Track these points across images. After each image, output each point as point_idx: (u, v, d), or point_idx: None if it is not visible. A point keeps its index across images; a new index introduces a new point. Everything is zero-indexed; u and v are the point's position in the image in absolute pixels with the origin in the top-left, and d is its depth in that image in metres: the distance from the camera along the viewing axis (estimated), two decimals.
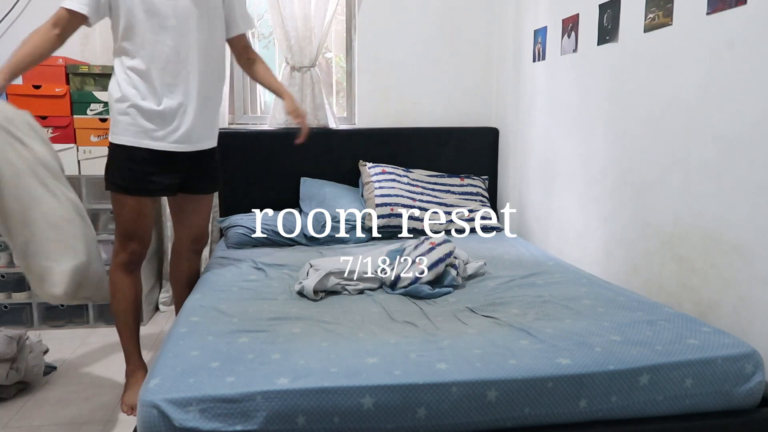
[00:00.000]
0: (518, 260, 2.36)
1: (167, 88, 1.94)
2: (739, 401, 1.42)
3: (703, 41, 1.77)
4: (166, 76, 1.94)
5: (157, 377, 1.31)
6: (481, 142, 3.27)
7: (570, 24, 2.52)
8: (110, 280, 2.08)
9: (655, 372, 1.37)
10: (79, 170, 2.73)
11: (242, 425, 1.24)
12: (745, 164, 1.63)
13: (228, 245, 2.72)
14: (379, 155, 3.16)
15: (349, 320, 1.70)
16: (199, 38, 1.97)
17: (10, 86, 2.62)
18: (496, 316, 1.71)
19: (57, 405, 2.08)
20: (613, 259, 2.27)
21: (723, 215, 1.72)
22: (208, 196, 2.24)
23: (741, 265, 1.66)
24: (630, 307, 1.74)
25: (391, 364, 1.36)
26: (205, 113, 2.05)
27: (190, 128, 2.00)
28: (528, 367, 1.35)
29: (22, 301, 2.79)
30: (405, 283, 1.95)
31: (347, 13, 3.26)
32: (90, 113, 2.72)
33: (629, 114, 2.14)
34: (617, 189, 2.23)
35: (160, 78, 1.93)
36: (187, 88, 1.97)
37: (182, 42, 1.94)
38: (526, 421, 1.34)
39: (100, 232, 2.80)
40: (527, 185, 3.01)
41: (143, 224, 2.05)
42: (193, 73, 1.97)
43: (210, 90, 2.05)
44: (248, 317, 1.70)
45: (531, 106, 2.92)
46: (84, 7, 1.85)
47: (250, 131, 3.08)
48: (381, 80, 3.25)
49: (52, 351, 2.49)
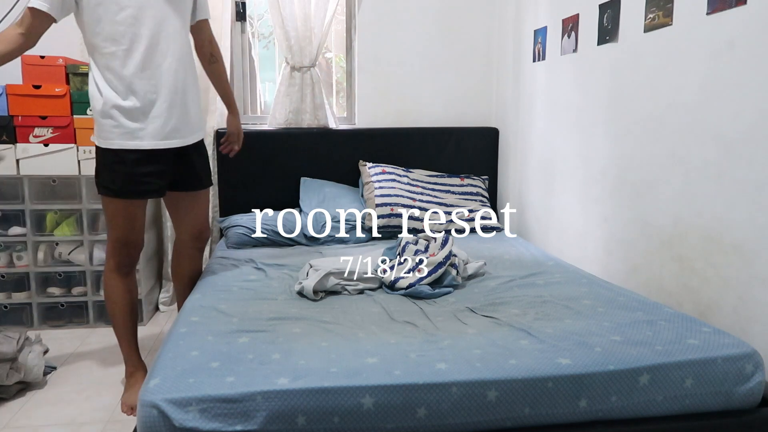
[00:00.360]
0: (518, 260, 2.36)
1: (146, 83, 1.91)
2: (739, 401, 1.42)
3: (703, 41, 1.77)
4: (144, 71, 1.90)
5: (157, 377, 1.31)
6: (481, 142, 3.27)
7: (570, 24, 2.52)
8: (105, 283, 2.08)
9: (655, 372, 1.37)
10: (79, 170, 2.73)
11: (242, 425, 1.24)
12: (745, 164, 1.63)
13: (228, 245, 2.72)
14: (379, 155, 3.17)
15: (349, 320, 1.70)
16: (171, 28, 1.94)
17: (10, 86, 2.64)
18: (496, 316, 1.71)
19: (57, 405, 2.08)
20: (613, 259, 2.27)
21: (723, 215, 1.72)
22: (204, 191, 2.22)
23: (741, 265, 1.66)
24: (630, 307, 1.74)
25: (391, 364, 1.36)
26: (187, 105, 2.03)
27: (175, 122, 1.98)
28: (528, 367, 1.35)
29: (22, 301, 2.79)
30: (404, 285, 1.95)
31: (347, 13, 3.26)
32: (90, 113, 2.72)
33: (629, 114, 2.14)
34: (617, 189, 2.23)
35: (137, 73, 1.89)
36: (166, 80, 1.94)
37: (156, 33, 1.91)
38: (526, 421, 1.34)
39: (100, 232, 2.80)
40: (527, 185, 3.01)
41: (136, 227, 2.03)
42: (169, 65, 1.94)
43: (186, 80, 2.02)
44: (248, 317, 1.70)
45: (531, 106, 2.92)
46: (44, 4, 1.82)
47: (250, 131, 3.08)
48: (381, 80, 3.25)
49: (52, 351, 2.49)
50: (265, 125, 3.18)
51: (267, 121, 3.17)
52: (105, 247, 2.79)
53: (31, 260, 2.76)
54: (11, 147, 2.67)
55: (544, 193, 2.83)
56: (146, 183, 1.97)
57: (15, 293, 2.79)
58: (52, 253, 2.82)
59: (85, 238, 2.78)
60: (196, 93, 2.09)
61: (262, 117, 3.31)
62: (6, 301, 2.78)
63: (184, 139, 2.04)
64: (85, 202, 2.75)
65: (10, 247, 2.77)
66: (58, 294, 2.82)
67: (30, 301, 2.79)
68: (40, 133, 2.68)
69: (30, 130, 2.68)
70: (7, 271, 2.77)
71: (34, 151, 2.68)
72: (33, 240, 2.75)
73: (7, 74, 2.85)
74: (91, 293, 2.81)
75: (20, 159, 2.69)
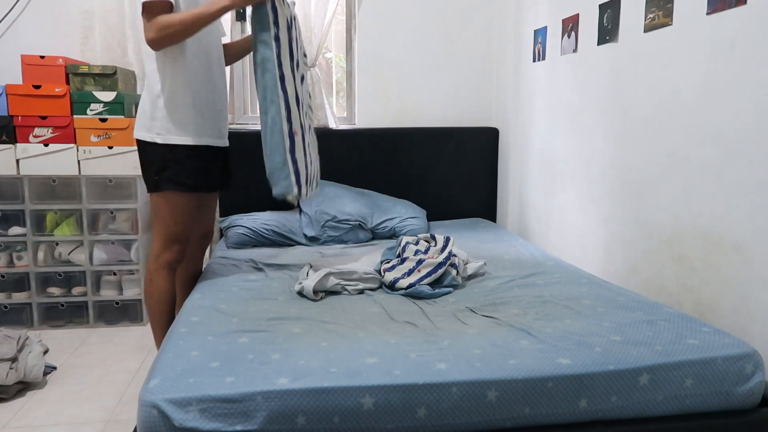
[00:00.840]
0: (518, 260, 2.36)
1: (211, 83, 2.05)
2: (739, 401, 1.42)
3: (703, 41, 1.77)
4: (208, 71, 2.04)
5: (157, 377, 1.31)
6: (481, 142, 3.27)
7: (570, 24, 2.52)
8: (151, 281, 2.08)
9: (655, 372, 1.37)
10: (79, 170, 2.73)
11: (242, 425, 1.24)
12: (745, 164, 1.63)
13: (228, 245, 2.72)
14: (379, 155, 3.17)
15: (349, 320, 1.70)
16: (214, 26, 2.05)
17: (10, 86, 2.64)
18: (496, 316, 1.71)
19: (57, 405, 2.08)
20: (613, 258, 2.27)
21: (723, 215, 1.72)
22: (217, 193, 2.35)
23: (741, 265, 1.66)
24: (630, 307, 1.74)
25: (391, 364, 1.36)
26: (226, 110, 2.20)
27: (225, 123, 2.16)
28: (528, 367, 1.35)
29: (22, 301, 2.79)
30: (404, 285, 1.95)
31: (347, 13, 3.26)
32: (90, 113, 2.72)
33: (629, 114, 2.14)
34: (617, 189, 2.23)
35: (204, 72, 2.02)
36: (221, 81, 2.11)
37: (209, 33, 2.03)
38: (526, 421, 1.34)
39: (100, 232, 2.80)
40: (527, 185, 3.01)
41: (191, 222, 2.09)
42: (218, 65, 2.10)
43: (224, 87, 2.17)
44: (248, 317, 1.70)
45: (531, 106, 2.92)
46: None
47: (250, 131, 3.08)
48: (381, 80, 3.25)
49: (52, 351, 2.49)
50: None
51: None
52: (105, 247, 2.80)
53: (31, 260, 2.76)
54: (11, 147, 2.67)
55: (544, 193, 2.83)
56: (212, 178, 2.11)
57: (15, 293, 2.79)
58: (52, 253, 2.82)
59: (85, 238, 2.78)
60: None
61: None
62: (6, 301, 2.78)
63: (225, 139, 2.21)
64: (85, 202, 2.76)
65: (10, 247, 2.77)
66: (58, 294, 2.82)
67: (30, 301, 2.79)
68: (40, 133, 2.68)
69: (30, 130, 2.68)
70: (7, 271, 2.77)
71: (34, 151, 2.68)
72: (33, 240, 2.75)
73: (7, 74, 2.86)
74: (91, 293, 2.81)
75: (20, 159, 2.69)
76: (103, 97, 2.71)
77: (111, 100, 2.72)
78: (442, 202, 3.27)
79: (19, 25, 2.94)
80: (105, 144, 2.73)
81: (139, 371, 2.33)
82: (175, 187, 2.00)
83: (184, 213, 2.03)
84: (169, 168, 1.99)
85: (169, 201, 2.02)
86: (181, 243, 2.07)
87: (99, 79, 2.74)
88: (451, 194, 3.28)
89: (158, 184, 2.00)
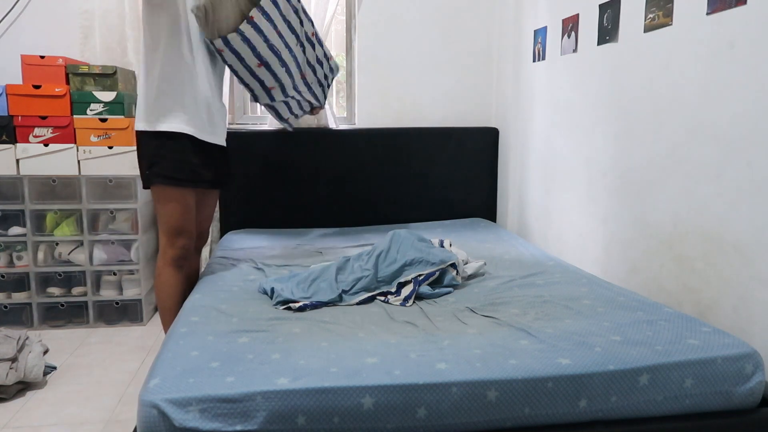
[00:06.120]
0: (518, 260, 2.36)
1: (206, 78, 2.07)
2: (739, 401, 1.42)
3: (703, 41, 1.77)
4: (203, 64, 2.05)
5: (157, 377, 1.31)
6: (481, 142, 3.27)
7: (570, 24, 2.52)
8: (159, 278, 2.10)
9: (655, 372, 1.37)
10: (79, 170, 2.73)
11: (242, 425, 1.24)
12: (745, 164, 1.63)
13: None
14: (379, 155, 3.17)
15: (349, 320, 1.70)
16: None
17: (10, 86, 2.64)
18: (496, 316, 1.71)
19: (57, 405, 2.08)
20: (613, 259, 2.27)
21: (723, 215, 1.72)
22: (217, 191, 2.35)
23: (741, 265, 1.66)
24: (630, 307, 1.74)
25: (391, 364, 1.36)
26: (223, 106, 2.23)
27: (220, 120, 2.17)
28: (528, 367, 1.35)
29: (22, 301, 2.79)
30: (407, 293, 1.92)
31: (347, 13, 3.26)
32: (90, 113, 2.72)
33: (629, 114, 2.14)
34: (617, 189, 2.23)
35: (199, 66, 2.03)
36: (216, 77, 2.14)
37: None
38: (526, 421, 1.34)
39: (100, 232, 2.80)
40: (527, 185, 3.01)
41: (191, 217, 2.09)
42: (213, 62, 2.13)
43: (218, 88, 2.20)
44: (248, 317, 1.70)
45: (531, 106, 2.92)
46: None
47: (249, 131, 3.08)
48: (381, 80, 3.25)
49: (52, 351, 2.49)
50: (265, 125, 3.18)
51: (267, 121, 3.17)
52: (105, 248, 2.80)
53: (31, 260, 2.76)
54: (11, 147, 2.67)
55: (544, 193, 2.83)
56: (202, 174, 2.11)
57: (15, 293, 2.79)
58: (52, 253, 2.82)
59: (85, 238, 2.78)
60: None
61: (261, 117, 3.31)
62: (6, 301, 2.78)
63: (222, 137, 2.22)
64: (85, 202, 2.76)
65: (10, 247, 2.77)
66: (58, 294, 2.82)
67: (30, 301, 2.79)
68: (40, 133, 2.68)
69: (30, 130, 2.68)
70: (7, 271, 2.77)
71: (34, 151, 2.68)
72: (33, 240, 2.75)
73: (7, 74, 2.86)
74: (91, 293, 2.81)
75: (20, 159, 2.69)
76: (103, 97, 2.71)
77: (111, 100, 2.72)
78: (442, 201, 3.27)
79: (19, 25, 2.94)
80: (105, 144, 2.73)
81: (139, 371, 2.33)
82: (163, 181, 2.01)
83: (177, 207, 2.04)
84: (158, 163, 2.01)
85: (159, 196, 2.05)
86: (183, 238, 2.07)
87: (99, 79, 2.74)
88: (450, 194, 3.28)
89: (149, 179, 2.04)
